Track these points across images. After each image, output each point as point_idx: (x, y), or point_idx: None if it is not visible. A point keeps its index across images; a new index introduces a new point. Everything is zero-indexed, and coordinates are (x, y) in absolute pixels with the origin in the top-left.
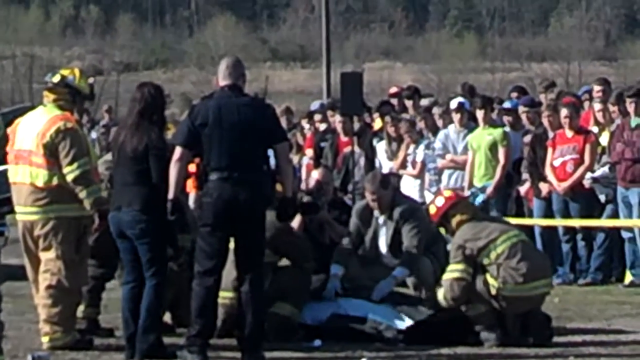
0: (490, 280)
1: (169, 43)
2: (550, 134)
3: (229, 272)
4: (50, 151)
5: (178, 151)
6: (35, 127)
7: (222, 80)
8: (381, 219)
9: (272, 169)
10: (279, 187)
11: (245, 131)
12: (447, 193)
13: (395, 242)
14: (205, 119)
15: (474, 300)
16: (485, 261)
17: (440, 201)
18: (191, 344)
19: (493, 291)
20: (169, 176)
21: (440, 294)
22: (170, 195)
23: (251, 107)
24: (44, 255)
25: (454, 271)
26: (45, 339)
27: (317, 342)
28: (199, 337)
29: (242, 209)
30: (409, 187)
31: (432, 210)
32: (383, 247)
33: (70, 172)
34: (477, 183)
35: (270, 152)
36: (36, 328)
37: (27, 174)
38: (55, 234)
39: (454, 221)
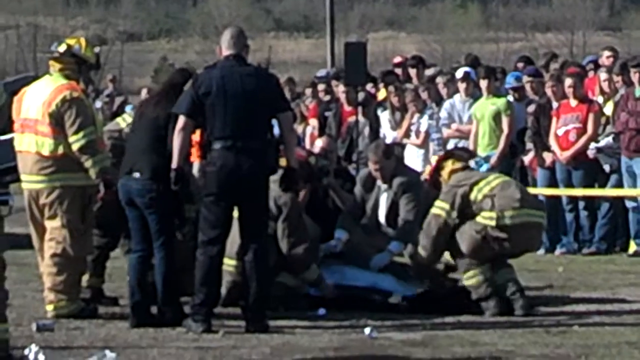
0: (487, 215)
1: (172, 13)
2: (555, 104)
3: (234, 240)
4: (56, 120)
5: (181, 120)
6: (41, 96)
7: (226, 50)
8: (383, 188)
9: (276, 138)
10: (283, 161)
11: (249, 100)
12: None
13: (392, 212)
14: (209, 88)
15: (471, 255)
16: (479, 196)
17: (434, 160)
18: (195, 313)
19: (492, 223)
20: (173, 145)
21: (420, 241)
22: (174, 164)
23: (254, 76)
24: (49, 224)
25: (436, 207)
26: (49, 308)
27: (322, 311)
28: (203, 306)
29: (245, 178)
30: (413, 156)
31: (427, 170)
32: (382, 216)
33: (76, 141)
34: (481, 152)
35: (275, 122)
36: (41, 297)
37: (32, 143)
38: (60, 202)
39: (446, 171)
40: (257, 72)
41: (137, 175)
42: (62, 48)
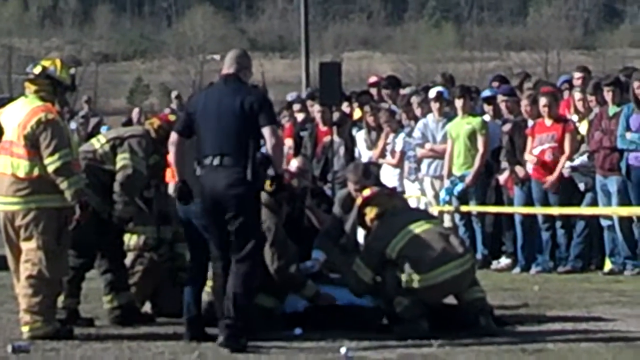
0: (398, 274)
1: (147, 34)
2: (530, 123)
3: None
4: (32, 142)
5: (173, 136)
6: (16, 118)
7: (224, 70)
8: None
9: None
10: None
11: (225, 118)
12: (366, 192)
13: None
14: (195, 108)
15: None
16: (393, 255)
17: (358, 200)
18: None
19: (403, 284)
20: (170, 162)
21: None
22: (176, 178)
23: (233, 94)
24: (25, 246)
25: (361, 271)
26: (25, 329)
27: (298, 331)
28: (237, 321)
29: (222, 195)
30: (389, 176)
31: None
32: (361, 237)
33: (51, 163)
34: (456, 172)
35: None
36: (16, 318)
37: (8, 165)
38: (36, 224)
39: (368, 218)
40: (238, 90)
41: None
42: (38, 70)
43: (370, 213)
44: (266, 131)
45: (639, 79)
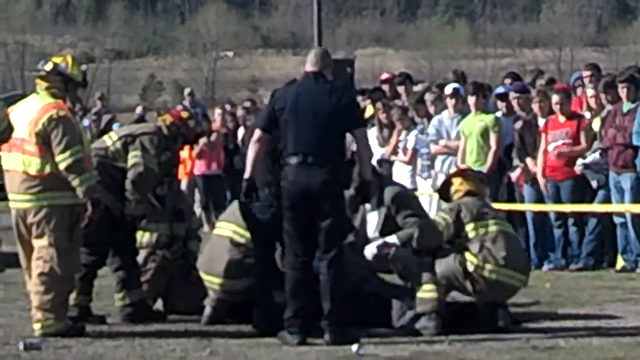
0: (470, 257)
1: (160, 30)
2: (541, 120)
3: (220, 259)
4: (43, 139)
5: (257, 133)
6: (28, 115)
7: (308, 67)
8: (368, 207)
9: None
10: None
11: (320, 117)
12: (463, 165)
13: (387, 226)
14: (283, 104)
15: (441, 278)
16: (472, 234)
17: (451, 170)
18: (290, 325)
19: (471, 267)
20: (247, 157)
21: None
22: (246, 174)
23: (328, 93)
24: (37, 243)
25: (439, 216)
26: (37, 326)
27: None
28: (296, 318)
29: (316, 193)
30: (401, 173)
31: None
32: (371, 232)
33: (62, 160)
34: None
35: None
36: (28, 315)
37: (19, 162)
38: (48, 221)
39: (453, 188)
40: (332, 89)
41: None
42: (49, 66)
43: (460, 185)
44: (359, 133)
45: None
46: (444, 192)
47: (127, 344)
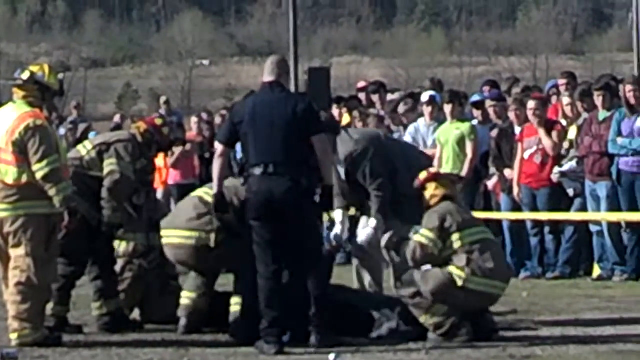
0: (457, 272)
1: (136, 39)
2: (517, 129)
3: (185, 214)
4: (20, 148)
5: (219, 148)
6: (4, 124)
7: (265, 77)
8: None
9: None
10: None
11: (278, 126)
12: (433, 169)
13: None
14: (242, 117)
15: (433, 295)
16: (457, 244)
17: (422, 175)
18: (267, 335)
19: (459, 282)
20: (213, 173)
21: (407, 252)
22: (215, 189)
23: (285, 101)
24: (13, 252)
25: (423, 236)
26: (14, 336)
27: (286, 338)
28: (272, 327)
29: (280, 202)
30: None
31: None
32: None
33: (39, 170)
34: None
35: None
36: (5, 325)
37: None
38: (24, 231)
39: (428, 193)
40: (288, 98)
41: None
42: (26, 75)
43: (435, 190)
44: (318, 139)
45: (630, 83)
46: (418, 197)
47: (104, 354)
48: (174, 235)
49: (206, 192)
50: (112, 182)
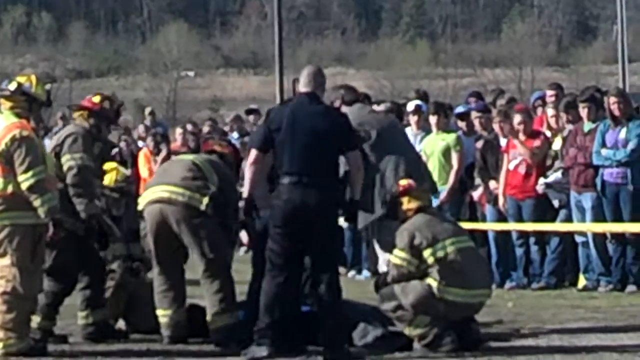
0: (433, 283)
1: (121, 50)
2: (502, 140)
3: (175, 172)
4: (6, 159)
5: (253, 154)
6: None
7: (302, 88)
8: None
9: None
10: None
11: (316, 138)
12: (403, 182)
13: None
14: (279, 124)
15: (415, 307)
16: (430, 259)
17: (394, 189)
18: (261, 337)
19: (437, 293)
20: (245, 177)
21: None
22: (245, 194)
23: (324, 115)
24: None
25: (396, 257)
26: None
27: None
28: (267, 330)
29: (311, 213)
30: None
31: (387, 198)
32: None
33: (25, 181)
34: None
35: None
36: None
37: None
38: (10, 240)
39: (402, 208)
40: (327, 111)
41: None
42: (13, 86)
43: (409, 204)
44: (353, 155)
45: (613, 94)
46: (392, 212)
47: None
48: (165, 190)
49: (196, 158)
50: (72, 177)
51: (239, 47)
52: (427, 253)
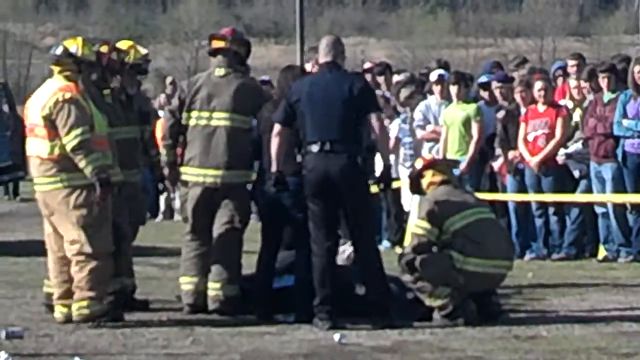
0: (454, 254)
1: (142, 19)
2: (523, 110)
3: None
4: (51, 122)
5: (276, 127)
6: (40, 100)
7: (321, 58)
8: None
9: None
10: None
11: (335, 105)
12: (428, 156)
13: None
14: (298, 96)
15: (435, 279)
16: (452, 228)
17: (419, 163)
18: (320, 311)
19: (458, 264)
20: (271, 151)
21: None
22: (274, 167)
23: (340, 81)
24: (62, 226)
25: (417, 227)
26: (74, 307)
27: (290, 318)
28: (324, 304)
29: (336, 179)
30: None
31: (411, 172)
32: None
33: (68, 143)
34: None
35: None
36: (9, 303)
37: (34, 147)
38: (67, 203)
39: (425, 180)
40: (344, 77)
41: None
42: (59, 50)
43: (433, 177)
44: (373, 117)
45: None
46: (415, 186)
47: (109, 333)
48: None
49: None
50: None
51: (260, 16)
52: (449, 221)
